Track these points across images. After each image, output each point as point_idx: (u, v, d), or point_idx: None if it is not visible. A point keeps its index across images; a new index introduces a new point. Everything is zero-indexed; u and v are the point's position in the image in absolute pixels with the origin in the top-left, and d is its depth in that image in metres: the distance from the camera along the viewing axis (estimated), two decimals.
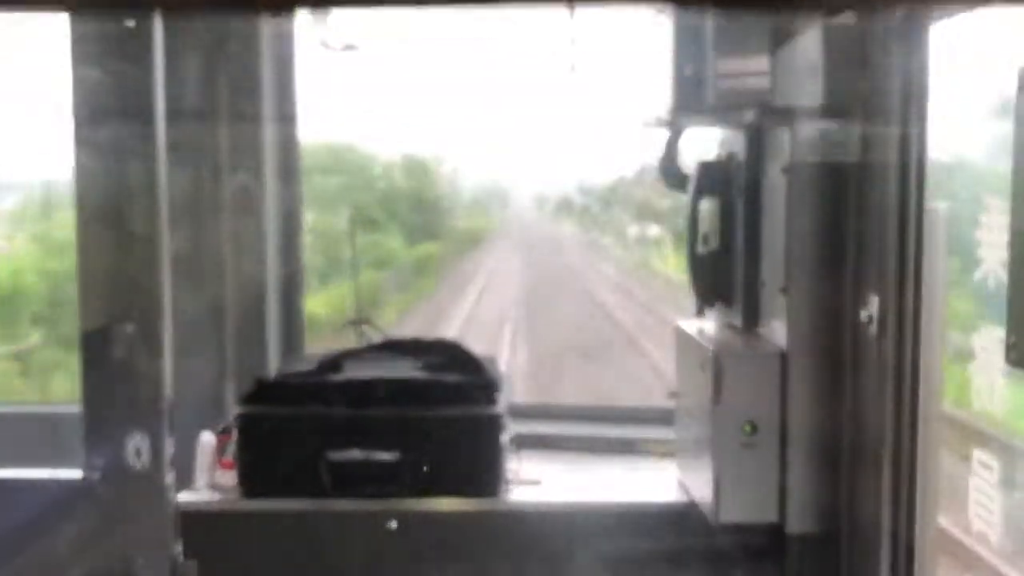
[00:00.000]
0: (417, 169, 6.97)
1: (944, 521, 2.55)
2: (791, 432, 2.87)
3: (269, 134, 4.04)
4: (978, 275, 2.16)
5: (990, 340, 2.14)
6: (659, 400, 3.76)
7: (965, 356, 2.33)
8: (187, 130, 3.80)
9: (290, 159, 4.16)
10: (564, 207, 6.38)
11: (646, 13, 3.20)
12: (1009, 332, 1.53)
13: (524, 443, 3.53)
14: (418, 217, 7.71)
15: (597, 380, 7.10)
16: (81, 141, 3.38)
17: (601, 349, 7.99)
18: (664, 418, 3.73)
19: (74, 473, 3.37)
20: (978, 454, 2.30)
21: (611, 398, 6.97)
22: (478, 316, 9.53)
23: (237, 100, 3.95)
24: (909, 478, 2.53)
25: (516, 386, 4.83)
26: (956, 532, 2.64)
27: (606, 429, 3.97)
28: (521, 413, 3.77)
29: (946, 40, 2.35)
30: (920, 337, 2.47)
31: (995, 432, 2.40)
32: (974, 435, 2.48)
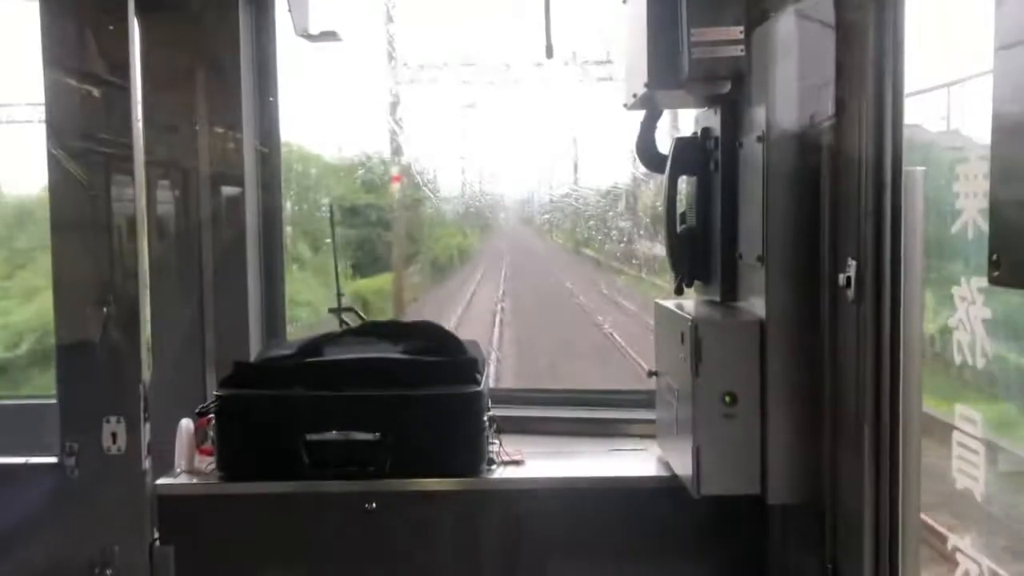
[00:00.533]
0: (375, 175, 5.88)
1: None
2: (771, 402, 2.86)
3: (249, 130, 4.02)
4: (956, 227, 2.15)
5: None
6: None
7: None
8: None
9: (270, 156, 4.14)
10: (556, 215, 5.67)
11: None
12: (991, 250, 1.51)
13: (505, 426, 3.51)
14: (372, 238, 6.18)
15: None
16: (53, 123, 3.38)
17: None
18: (644, 402, 3.74)
19: (50, 459, 3.35)
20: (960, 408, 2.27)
21: None
22: None
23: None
24: (891, 445, 2.51)
25: None
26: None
27: (587, 412, 3.97)
28: (502, 398, 3.76)
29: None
30: (900, 300, 2.46)
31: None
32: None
